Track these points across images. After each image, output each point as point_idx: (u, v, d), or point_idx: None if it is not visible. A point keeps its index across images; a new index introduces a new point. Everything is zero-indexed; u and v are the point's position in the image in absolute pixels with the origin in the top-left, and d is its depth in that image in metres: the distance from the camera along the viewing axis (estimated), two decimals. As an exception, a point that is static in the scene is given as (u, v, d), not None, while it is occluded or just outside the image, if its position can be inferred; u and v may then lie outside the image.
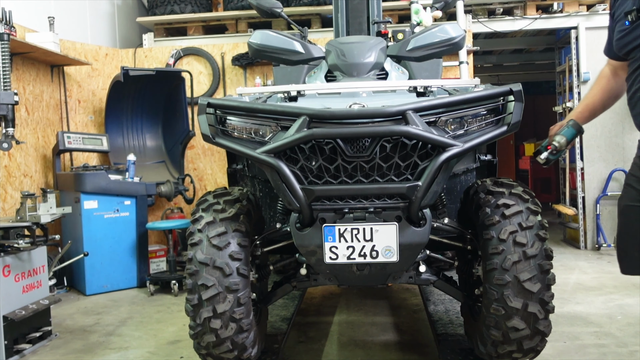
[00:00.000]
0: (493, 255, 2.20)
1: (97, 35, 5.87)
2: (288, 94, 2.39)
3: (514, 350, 2.25)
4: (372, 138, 2.03)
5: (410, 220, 2.12)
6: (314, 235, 2.14)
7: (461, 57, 5.28)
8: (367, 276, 2.26)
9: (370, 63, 2.72)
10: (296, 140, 2.02)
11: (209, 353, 2.33)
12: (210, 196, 2.49)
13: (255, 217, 2.50)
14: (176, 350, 3.18)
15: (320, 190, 2.08)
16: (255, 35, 2.84)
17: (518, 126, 2.17)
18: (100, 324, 3.73)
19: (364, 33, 3.71)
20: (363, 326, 3.46)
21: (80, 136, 4.89)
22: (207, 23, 6.08)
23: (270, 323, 3.17)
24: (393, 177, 2.08)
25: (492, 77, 9.94)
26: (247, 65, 5.67)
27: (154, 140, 5.64)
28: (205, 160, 5.78)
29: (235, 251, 2.26)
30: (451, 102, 2.11)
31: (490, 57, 8.67)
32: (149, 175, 5.20)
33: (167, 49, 5.80)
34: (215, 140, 2.22)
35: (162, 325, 3.66)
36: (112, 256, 4.62)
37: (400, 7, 5.65)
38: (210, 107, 2.24)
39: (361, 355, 3.01)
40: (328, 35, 5.61)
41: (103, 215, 4.57)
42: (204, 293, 2.22)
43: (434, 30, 2.80)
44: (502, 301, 2.16)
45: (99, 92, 5.57)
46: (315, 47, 2.90)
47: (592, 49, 5.67)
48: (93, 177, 4.52)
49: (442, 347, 2.79)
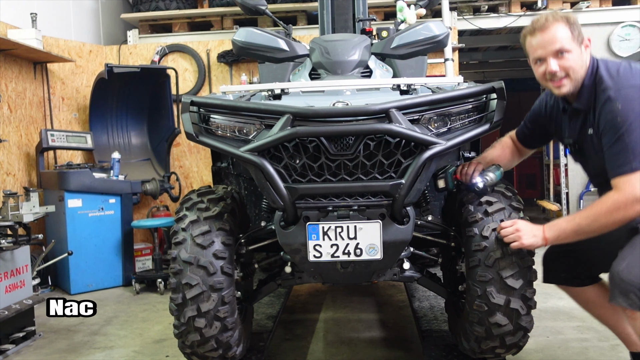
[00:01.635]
0: (476, 252, 2.22)
1: (81, 32, 5.80)
2: (272, 92, 2.39)
3: (496, 345, 2.27)
4: (355, 136, 2.04)
5: (394, 217, 2.13)
6: (298, 233, 2.14)
7: (446, 54, 5.31)
8: (351, 274, 2.27)
9: (355, 61, 2.72)
10: (280, 139, 2.02)
11: (193, 352, 2.32)
12: (194, 195, 2.48)
13: (239, 216, 2.50)
14: (162, 349, 3.17)
15: (304, 188, 2.09)
16: (239, 33, 2.83)
17: (500, 124, 2.19)
18: (85, 324, 3.70)
19: (350, 30, 3.71)
20: (349, 323, 3.48)
21: (64, 134, 4.84)
22: (193, 20, 6.05)
23: (256, 321, 3.17)
24: (377, 175, 2.09)
25: (478, 74, 10.00)
26: (232, 62, 5.64)
27: (139, 137, 5.60)
28: (191, 158, 5.75)
29: (220, 250, 2.26)
30: (434, 100, 2.12)
31: (475, 54, 8.71)
32: (134, 173, 5.16)
33: (152, 46, 5.76)
34: (198, 139, 2.22)
35: (147, 324, 3.64)
36: (97, 255, 4.59)
37: (385, 5, 5.66)
38: (194, 105, 2.23)
39: (347, 352, 3.02)
40: (314, 32, 5.60)
41: (87, 214, 4.54)
42: (188, 292, 2.21)
43: (418, 28, 2.81)
44: (484, 297, 2.18)
45: (83, 90, 5.52)
46: (300, 44, 2.90)
47: (576, 46, 5.71)
48: (77, 175, 4.48)
49: (427, 343, 2.80)
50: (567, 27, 2.05)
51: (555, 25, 2.05)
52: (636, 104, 1.91)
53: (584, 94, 2.08)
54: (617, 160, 1.92)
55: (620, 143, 1.91)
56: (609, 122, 1.95)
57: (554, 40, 2.04)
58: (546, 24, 2.06)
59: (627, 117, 1.90)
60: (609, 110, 1.96)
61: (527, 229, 2.11)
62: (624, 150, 1.90)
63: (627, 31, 5.62)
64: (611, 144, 1.95)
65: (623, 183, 1.90)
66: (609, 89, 1.99)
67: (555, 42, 2.04)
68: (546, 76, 2.10)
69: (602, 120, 1.99)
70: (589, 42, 2.10)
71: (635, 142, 1.88)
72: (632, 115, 1.90)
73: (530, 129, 2.45)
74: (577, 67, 2.06)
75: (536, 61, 2.12)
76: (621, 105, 1.93)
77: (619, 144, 1.91)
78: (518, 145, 2.50)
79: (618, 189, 1.91)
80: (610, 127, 1.95)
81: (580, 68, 2.06)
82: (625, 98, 1.94)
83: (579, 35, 2.06)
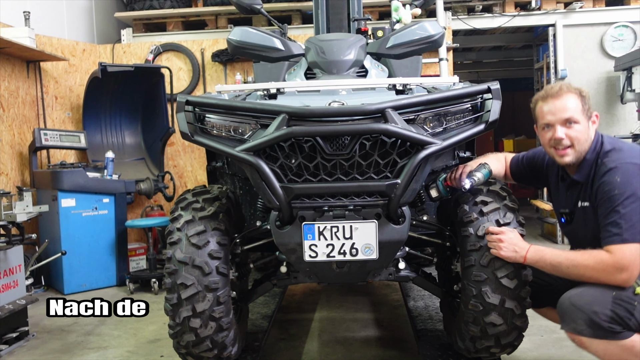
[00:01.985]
0: (471, 252, 2.23)
1: (74, 31, 5.77)
2: (267, 92, 2.39)
3: (491, 345, 2.28)
4: (351, 136, 2.04)
5: (390, 217, 2.13)
6: (293, 233, 2.14)
7: (441, 54, 5.31)
8: (346, 274, 2.27)
9: (350, 61, 2.72)
10: (275, 139, 2.02)
11: (188, 352, 2.32)
12: (189, 194, 2.47)
13: (235, 215, 2.49)
14: (156, 349, 3.16)
15: (300, 188, 2.09)
16: (234, 32, 2.82)
17: (496, 124, 2.19)
18: (79, 324, 3.69)
19: (345, 30, 3.71)
20: (344, 322, 3.48)
21: (58, 133, 4.81)
22: (187, 19, 6.03)
23: (251, 321, 3.16)
24: (372, 174, 2.09)
25: (472, 73, 10.03)
26: (227, 61, 5.62)
27: (133, 137, 5.57)
28: (185, 158, 5.74)
29: (215, 250, 2.25)
30: (430, 100, 2.13)
31: (470, 53, 8.74)
32: (128, 172, 5.14)
33: (146, 45, 5.74)
34: (193, 138, 2.21)
35: (141, 324, 3.63)
36: (91, 255, 4.56)
37: (380, 4, 5.66)
38: (189, 104, 2.22)
39: (342, 351, 3.02)
40: (308, 32, 5.60)
41: (81, 214, 4.51)
42: (183, 292, 2.20)
43: (414, 28, 2.81)
44: (480, 297, 2.19)
45: (76, 89, 5.48)
46: (295, 44, 2.89)
47: (569, 46, 5.75)
48: (71, 174, 4.46)
49: (422, 343, 2.81)
50: (579, 99, 2.13)
51: (568, 95, 2.13)
52: (635, 180, 1.98)
53: (584, 167, 2.16)
54: (610, 230, 1.99)
55: (615, 214, 1.98)
56: (607, 193, 2.02)
57: (565, 109, 2.11)
58: (560, 92, 2.14)
59: (625, 190, 1.98)
60: (609, 182, 2.02)
61: (511, 241, 2.14)
62: (617, 221, 1.97)
63: (620, 31, 5.64)
64: (607, 213, 2.01)
65: (614, 250, 1.96)
66: (611, 162, 2.06)
67: (565, 110, 2.11)
68: (551, 142, 2.16)
69: (601, 190, 2.05)
70: (597, 119, 2.19)
71: (628, 215, 1.95)
72: (630, 189, 1.97)
73: (524, 168, 2.51)
74: (583, 140, 2.13)
75: (544, 127, 2.19)
76: (620, 179, 2.00)
77: (615, 215, 1.98)
78: (507, 171, 2.54)
79: (610, 253, 1.97)
80: (608, 198, 2.01)
81: (585, 141, 2.14)
82: (625, 172, 2.01)
83: (588, 110, 2.15)
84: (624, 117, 5.65)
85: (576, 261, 2.03)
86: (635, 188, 1.97)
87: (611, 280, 1.96)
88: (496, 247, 2.16)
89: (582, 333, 1.97)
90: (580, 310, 1.97)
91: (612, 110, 5.69)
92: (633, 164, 2.03)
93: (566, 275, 2.07)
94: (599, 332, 1.93)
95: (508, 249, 2.13)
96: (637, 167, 2.01)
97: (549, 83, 5.97)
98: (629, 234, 1.94)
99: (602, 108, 5.69)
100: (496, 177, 2.47)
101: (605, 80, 5.70)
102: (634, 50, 5.16)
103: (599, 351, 1.98)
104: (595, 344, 1.97)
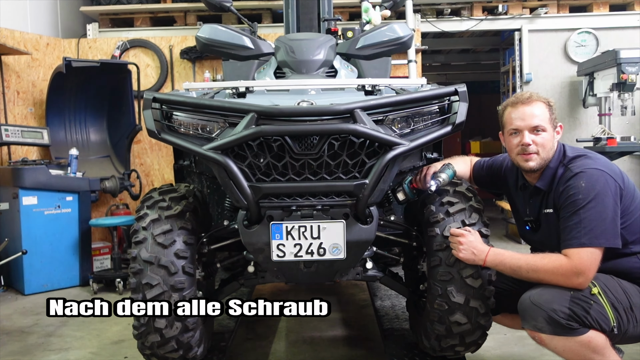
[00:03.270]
0: (437, 251, 2.26)
1: (38, 24, 5.62)
2: (236, 90, 2.37)
3: (456, 344, 2.31)
4: (320, 136, 2.04)
5: (358, 217, 2.14)
6: (261, 232, 2.13)
7: (410, 56, 5.36)
8: (314, 273, 2.27)
9: (320, 60, 2.72)
10: (244, 137, 2.00)
11: (153, 353, 2.29)
12: (155, 193, 2.43)
13: (202, 215, 2.47)
14: (120, 350, 3.11)
15: (268, 187, 2.08)
16: (203, 29, 2.79)
17: (463, 126, 2.23)
18: (40, 325, 3.60)
19: (315, 30, 3.71)
20: (311, 322, 3.48)
21: (19, 129, 4.68)
22: (155, 15, 5.93)
23: (218, 321, 3.13)
24: (341, 174, 2.09)
25: (440, 75, 10.15)
26: (196, 59, 5.56)
27: (99, 134, 5.46)
28: (152, 156, 5.65)
29: (181, 249, 2.23)
30: (398, 101, 2.14)
31: (438, 56, 8.84)
32: (93, 170, 5.03)
33: (113, 40, 5.63)
34: (160, 136, 2.18)
35: (105, 324, 3.56)
36: (53, 254, 4.46)
37: (350, 5, 5.68)
38: (156, 101, 2.19)
39: (309, 351, 3.02)
40: (279, 31, 5.58)
41: (43, 212, 4.40)
42: (149, 292, 2.17)
43: (383, 29, 2.83)
44: (445, 296, 2.22)
45: (39, 83, 5.34)
46: (265, 42, 2.88)
47: (534, 50, 5.88)
48: (32, 171, 4.34)
49: (388, 342, 2.83)
50: (547, 108, 2.20)
51: (537, 103, 2.20)
52: (598, 185, 2.04)
53: (547, 175, 2.21)
54: (569, 233, 2.04)
55: (576, 217, 2.03)
56: (570, 197, 2.07)
57: (534, 116, 2.18)
58: (530, 99, 2.21)
59: (588, 194, 2.03)
60: (574, 186, 2.08)
61: (470, 244, 2.18)
62: (577, 224, 2.02)
63: (583, 37, 5.80)
64: (568, 217, 2.07)
65: (572, 254, 2.01)
66: (577, 167, 2.12)
67: (534, 117, 2.18)
68: (518, 148, 2.21)
69: (565, 194, 2.10)
70: (561, 130, 2.26)
71: (589, 219, 2.01)
72: (592, 194, 2.03)
73: (485, 173, 2.57)
74: (548, 147, 2.19)
75: (512, 132, 2.24)
76: (585, 184, 2.05)
77: (575, 218, 2.03)
78: (470, 174, 2.60)
79: (568, 257, 2.03)
80: (571, 202, 2.06)
81: (550, 149, 2.20)
82: (590, 177, 2.07)
83: (555, 120, 2.22)
84: (585, 121, 5.81)
85: (535, 265, 2.07)
86: (597, 193, 2.03)
87: (568, 283, 2.02)
88: (456, 248, 2.20)
89: (542, 330, 2.03)
90: (540, 308, 2.02)
91: (574, 114, 5.85)
92: (598, 170, 2.08)
93: (526, 279, 2.12)
94: (558, 329, 1.99)
95: (467, 251, 2.17)
96: (602, 173, 2.07)
97: (515, 86, 6.09)
98: (587, 238, 1.99)
99: (565, 112, 5.83)
100: (461, 178, 2.51)
101: (569, 84, 5.86)
102: (596, 56, 5.31)
103: (558, 347, 2.04)
104: (554, 341, 2.02)
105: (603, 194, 2.03)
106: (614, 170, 2.11)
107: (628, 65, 4.68)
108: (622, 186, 2.09)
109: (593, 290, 2.02)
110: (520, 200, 2.40)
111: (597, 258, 2.01)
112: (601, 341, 2.00)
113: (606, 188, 2.04)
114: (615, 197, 2.05)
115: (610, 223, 2.01)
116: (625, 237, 2.09)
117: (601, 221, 2.00)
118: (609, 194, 2.04)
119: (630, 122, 5.46)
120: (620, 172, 2.14)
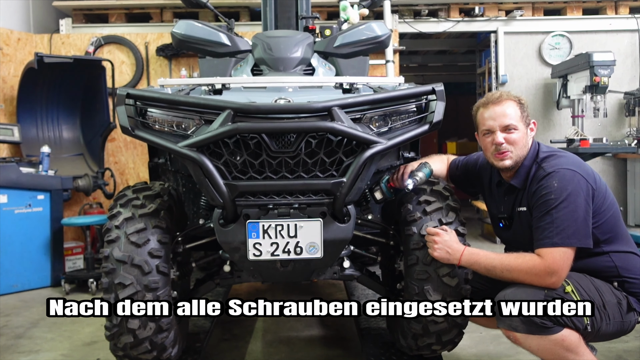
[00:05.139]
0: (414, 250, 2.26)
1: (9, 19, 5.47)
2: (212, 87, 2.34)
3: (433, 342, 2.32)
4: (297, 134, 2.02)
5: (335, 216, 2.13)
6: (237, 231, 2.10)
7: (388, 56, 5.38)
8: (291, 272, 2.25)
9: (297, 58, 2.71)
10: (220, 135, 1.97)
11: (126, 354, 2.24)
12: (129, 191, 2.39)
13: (177, 213, 2.43)
14: (92, 352, 3.04)
15: (244, 185, 2.05)
16: (179, 25, 2.75)
17: (440, 125, 2.23)
18: (9, 326, 3.50)
19: (293, 28, 3.69)
20: (288, 322, 3.46)
21: (-12, 126, 4.57)
22: (130, 11, 5.83)
23: (193, 321, 3.09)
24: (318, 173, 2.08)
25: (418, 76, 10.21)
26: (172, 56, 5.49)
27: (72, 131, 5.35)
28: (127, 154, 5.56)
29: (155, 248, 2.18)
30: (376, 100, 2.14)
31: (415, 57, 8.89)
32: (66, 168, 4.92)
33: (87, 36, 5.52)
34: (134, 133, 2.14)
35: (77, 326, 3.48)
36: (23, 254, 4.35)
37: (329, 4, 5.67)
38: (130, 98, 2.14)
39: (286, 351, 3.00)
40: (256, 29, 5.54)
41: (13, 211, 4.30)
42: (121, 292, 2.12)
43: (361, 27, 2.83)
44: (422, 295, 2.22)
45: (10, 79, 5.21)
46: (242, 39, 2.85)
47: (510, 52, 5.94)
48: (2, 169, 4.24)
49: (365, 341, 2.83)
50: (518, 107, 2.22)
51: (508, 102, 2.21)
52: (570, 186, 2.06)
53: (521, 173, 2.23)
54: (542, 233, 2.06)
55: (548, 217, 2.05)
56: (543, 197, 2.09)
57: (505, 115, 2.19)
58: (500, 99, 2.22)
59: (560, 194, 2.05)
60: (546, 185, 2.09)
61: (445, 243, 2.18)
62: (550, 224, 2.04)
63: (557, 40, 5.88)
64: (540, 216, 2.08)
65: (545, 254, 2.03)
66: (550, 167, 2.13)
67: (505, 116, 2.19)
68: (492, 147, 2.23)
69: (537, 194, 2.12)
70: (534, 127, 2.27)
71: (561, 219, 2.03)
72: (565, 194, 2.05)
73: (460, 172, 2.59)
74: (521, 145, 2.21)
75: (485, 132, 2.26)
76: (557, 184, 2.07)
77: (548, 217, 2.05)
78: (447, 173, 2.61)
79: (541, 257, 2.04)
80: (543, 201, 2.08)
81: (523, 147, 2.22)
82: (562, 177, 2.08)
83: (527, 117, 2.24)
84: (559, 123, 5.90)
85: (510, 265, 2.09)
86: (570, 193, 2.05)
87: (541, 283, 2.04)
88: (431, 247, 2.20)
89: (516, 329, 2.04)
90: None
91: (548, 116, 5.93)
92: (570, 170, 2.10)
93: (500, 278, 2.13)
94: (532, 327, 2.00)
95: (442, 250, 2.18)
96: (574, 174, 2.09)
97: (491, 87, 6.16)
98: (559, 237, 2.01)
99: (540, 113, 5.91)
100: (438, 177, 2.51)
101: (543, 86, 5.94)
102: (570, 59, 5.39)
103: (533, 346, 2.06)
104: (529, 340, 2.04)
105: (575, 194, 2.05)
106: (586, 171, 2.14)
107: (600, 68, 4.76)
108: (594, 186, 2.12)
109: (567, 288, 2.05)
110: (495, 197, 2.41)
111: (570, 257, 2.03)
112: (575, 339, 2.02)
113: (578, 188, 2.06)
114: (587, 198, 2.08)
115: (582, 223, 2.04)
116: (597, 236, 2.11)
117: (573, 221, 2.03)
118: (581, 194, 2.06)
119: (602, 124, 5.56)
120: (593, 172, 2.17)
